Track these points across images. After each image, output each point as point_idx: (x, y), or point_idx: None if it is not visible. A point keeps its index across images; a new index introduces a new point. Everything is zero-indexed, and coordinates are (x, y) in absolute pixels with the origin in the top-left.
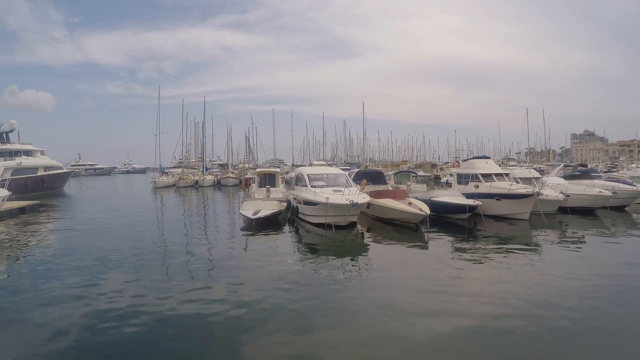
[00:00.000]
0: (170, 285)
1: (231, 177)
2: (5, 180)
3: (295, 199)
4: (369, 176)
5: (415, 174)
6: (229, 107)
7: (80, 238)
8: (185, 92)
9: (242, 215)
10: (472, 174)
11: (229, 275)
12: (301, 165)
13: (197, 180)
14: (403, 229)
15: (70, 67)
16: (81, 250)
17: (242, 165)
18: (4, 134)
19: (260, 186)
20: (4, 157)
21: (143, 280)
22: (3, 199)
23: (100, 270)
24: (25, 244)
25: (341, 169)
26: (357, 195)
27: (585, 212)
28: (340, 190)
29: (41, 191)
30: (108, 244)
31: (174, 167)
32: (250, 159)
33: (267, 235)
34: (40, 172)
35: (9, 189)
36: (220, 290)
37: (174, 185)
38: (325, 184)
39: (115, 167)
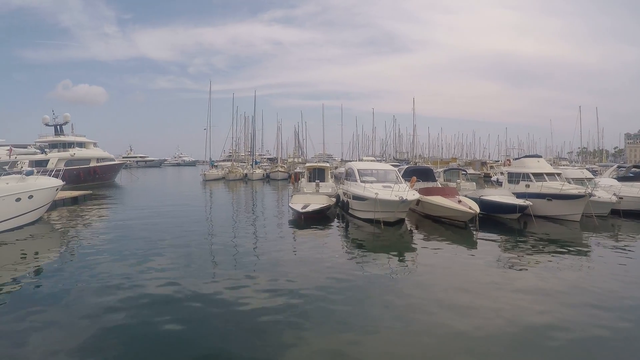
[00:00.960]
0: (215, 275)
1: (280, 171)
2: (59, 170)
3: (344, 193)
4: (419, 173)
5: (465, 171)
6: (278, 102)
7: (130, 227)
8: (236, 86)
9: (291, 208)
10: (523, 173)
11: (275, 268)
12: (350, 161)
13: (246, 174)
14: (451, 227)
15: (122, 62)
16: (130, 239)
17: (291, 159)
18: (59, 126)
19: (310, 181)
20: (58, 149)
21: (189, 269)
22: (57, 189)
23: (147, 259)
24: (76, 231)
25: (391, 165)
26: (407, 191)
27: (639, 216)
28: (389, 187)
29: (93, 182)
30: (156, 234)
31: (224, 161)
32: (300, 154)
33: (315, 229)
34: (93, 164)
35: (62, 179)
36: (264, 282)
37: (223, 178)
38: (375, 179)
39: (166, 160)
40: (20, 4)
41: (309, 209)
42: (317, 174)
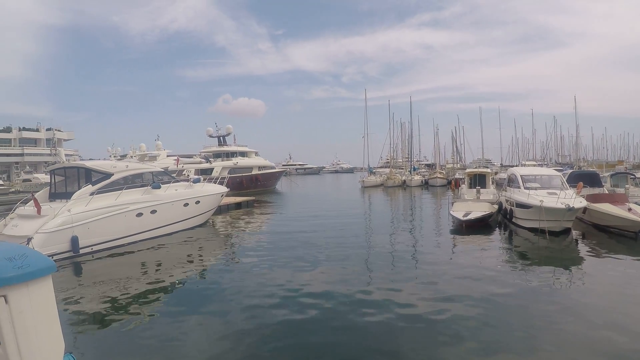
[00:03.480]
0: (371, 280)
1: (439, 177)
2: (224, 178)
3: (507, 200)
4: (584, 178)
5: (634, 175)
6: (433, 107)
7: (290, 232)
8: (390, 93)
9: (452, 216)
10: None
11: (433, 275)
12: (510, 166)
13: (404, 180)
14: (620, 238)
15: (278, 75)
16: (289, 244)
17: (449, 165)
18: (222, 137)
19: (470, 187)
20: (221, 158)
21: (345, 275)
22: (222, 195)
23: (304, 264)
24: (238, 235)
25: (554, 169)
26: (574, 198)
27: None
28: (555, 193)
29: (255, 188)
30: (315, 239)
31: (381, 167)
32: (457, 159)
33: (476, 237)
34: (255, 171)
35: (226, 186)
36: (420, 289)
37: (381, 184)
38: (539, 185)
39: (324, 167)
40: (177, 28)
41: (471, 216)
42: (478, 180)
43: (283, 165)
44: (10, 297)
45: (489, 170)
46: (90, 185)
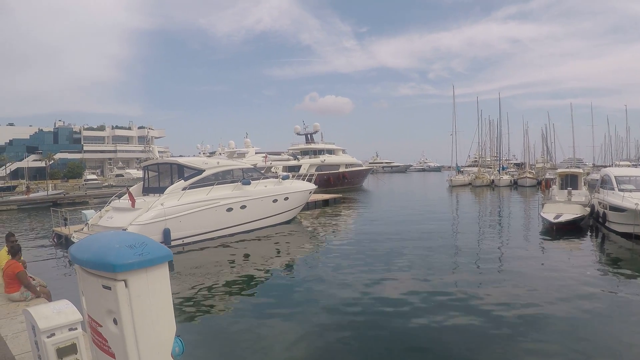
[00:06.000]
0: (456, 282)
1: (528, 177)
2: (311, 175)
3: (599, 203)
4: None
5: None
6: (522, 103)
7: (375, 231)
8: (478, 89)
9: (542, 218)
10: None
11: (518, 278)
12: (602, 166)
13: (492, 180)
14: None
15: (363, 73)
16: (375, 242)
17: (539, 164)
18: (309, 135)
19: (561, 188)
20: (309, 155)
21: (429, 275)
22: (310, 192)
23: (389, 263)
24: (325, 232)
25: None
26: None
27: None
28: None
29: (342, 186)
30: (401, 238)
31: (469, 166)
32: (548, 159)
33: (567, 241)
34: (342, 169)
35: (314, 184)
36: (505, 292)
37: (469, 184)
38: (634, 187)
39: (411, 165)
40: (263, 29)
41: (562, 219)
42: (570, 181)
43: (370, 163)
44: (130, 282)
45: (580, 170)
46: (182, 181)
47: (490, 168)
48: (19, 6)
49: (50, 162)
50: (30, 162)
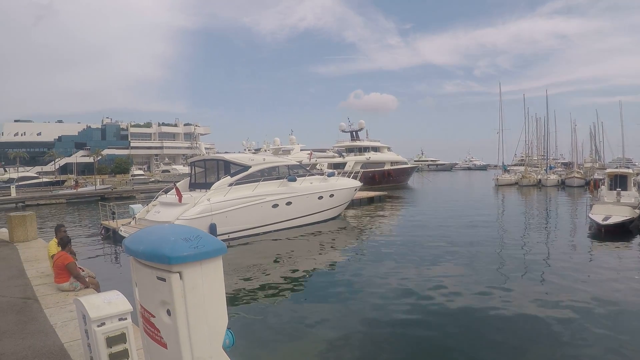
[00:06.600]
0: (504, 282)
1: (576, 177)
2: (357, 172)
3: None
4: None
5: None
6: (569, 101)
7: (420, 229)
8: (525, 86)
9: (591, 219)
10: None
11: (562, 280)
12: None
13: (539, 179)
14: None
15: (408, 70)
16: (419, 241)
17: (587, 164)
18: (354, 132)
19: (610, 189)
20: (354, 153)
21: (472, 276)
22: (355, 189)
23: (433, 263)
24: (370, 230)
25: None
26: None
27: None
28: None
29: (387, 183)
30: (445, 238)
31: (515, 165)
32: (597, 158)
33: (615, 244)
34: (387, 167)
35: (359, 181)
36: (549, 293)
37: (516, 183)
38: None
39: (457, 164)
40: (307, 26)
41: (611, 221)
42: (619, 182)
43: (415, 161)
44: (184, 274)
45: (630, 170)
46: (229, 177)
47: (537, 167)
48: (69, 8)
49: (98, 158)
50: (79, 157)
